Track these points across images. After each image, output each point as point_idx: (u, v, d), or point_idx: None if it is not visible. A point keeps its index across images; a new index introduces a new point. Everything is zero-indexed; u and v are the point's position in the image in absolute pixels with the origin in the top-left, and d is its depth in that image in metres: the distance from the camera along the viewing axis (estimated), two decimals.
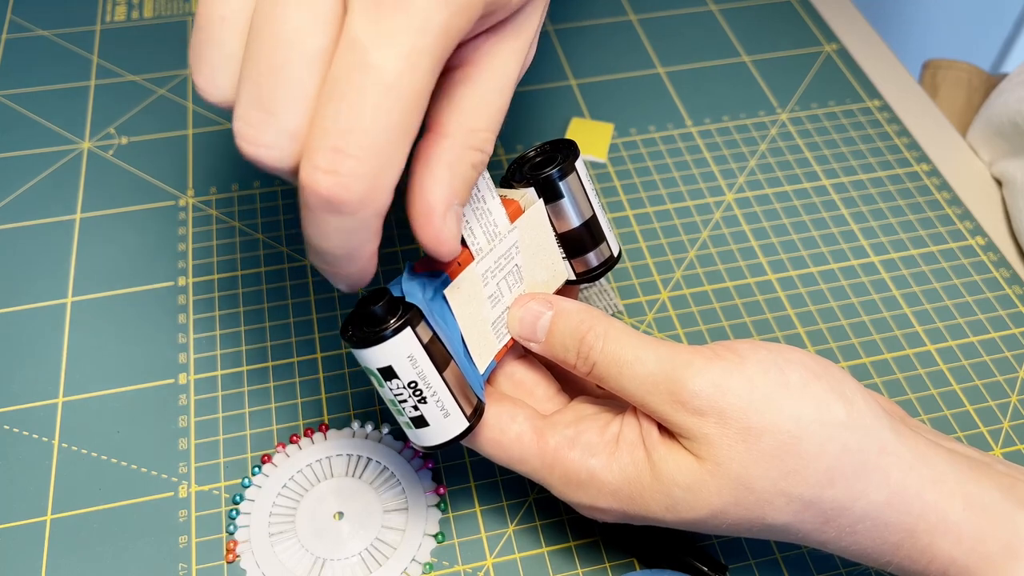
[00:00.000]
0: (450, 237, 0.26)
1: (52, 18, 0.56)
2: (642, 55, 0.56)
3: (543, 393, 0.33)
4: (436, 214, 0.25)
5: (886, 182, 0.49)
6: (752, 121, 0.52)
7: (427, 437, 0.29)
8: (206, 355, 0.40)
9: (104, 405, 0.39)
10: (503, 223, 0.30)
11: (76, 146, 0.49)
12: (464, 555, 0.35)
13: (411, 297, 0.28)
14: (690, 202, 0.48)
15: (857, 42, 0.57)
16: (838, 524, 0.28)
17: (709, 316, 0.43)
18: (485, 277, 0.30)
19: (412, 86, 0.22)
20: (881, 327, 0.43)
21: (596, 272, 0.33)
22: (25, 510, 0.36)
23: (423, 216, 0.25)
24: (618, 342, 0.29)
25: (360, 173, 0.22)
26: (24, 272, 0.43)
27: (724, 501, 0.27)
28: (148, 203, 0.47)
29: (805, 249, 0.46)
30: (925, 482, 0.28)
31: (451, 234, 0.26)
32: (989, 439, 0.39)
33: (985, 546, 0.27)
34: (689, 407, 0.27)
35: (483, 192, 0.30)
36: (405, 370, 0.27)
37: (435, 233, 0.25)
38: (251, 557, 0.34)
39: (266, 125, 0.23)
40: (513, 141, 0.50)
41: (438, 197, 0.25)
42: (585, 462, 0.29)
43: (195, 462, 0.37)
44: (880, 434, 0.28)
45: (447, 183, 0.25)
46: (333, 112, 0.22)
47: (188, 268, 0.44)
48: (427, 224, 0.25)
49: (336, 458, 0.37)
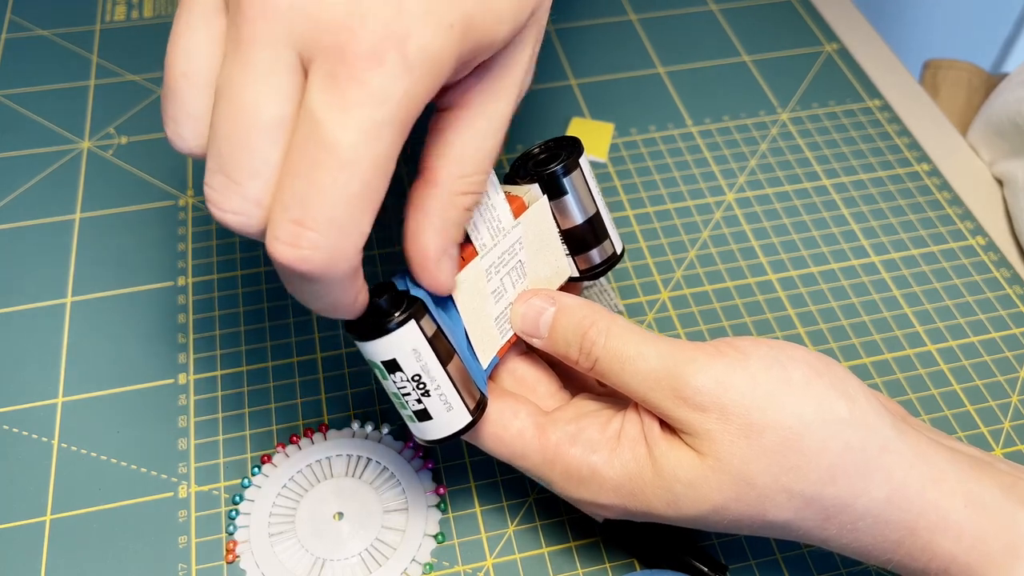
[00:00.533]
0: (447, 279, 0.27)
1: (52, 18, 0.56)
2: (642, 55, 0.56)
3: (545, 390, 0.33)
4: (431, 260, 0.26)
5: (887, 182, 0.49)
6: (752, 121, 0.52)
7: (430, 431, 0.29)
8: (206, 355, 0.40)
9: (104, 405, 0.39)
10: (507, 219, 0.31)
11: (76, 146, 0.49)
12: (464, 555, 0.35)
13: (415, 291, 0.28)
14: (690, 202, 0.48)
15: (858, 42, 0.57)
16: (839, 521, 0.28)
17: (709, 316, 0.43)
18: (489, 273, 0.30)
19: (371, 158, 0.22)
20: (882, 327, 0.42)
21: (599, 269, 0.34)
22: (25, 510, 0.36)
23: (418, 263, 0.27)
24: (620, 338, 0.29)
25: (319, 245, 0.22)
26: (24, 272, 0.43)
27: (725, 497, 0.27)
28: (148, 203, 0.46)
29: (806, 249, 0.46)
30: (926, 480, 0.28)
31: (447, 276, 0.27)
32: (990, 439, 0.39)
33: (986, 544, 0.27)
34: (691, 403, 0.27)
35: (488, 188, 0.30)
36: (409, 363, 0.27)
37: (431, 278, 0.27)
38: (251, 557, 0.34)
39: (231, 192, 0.23)
40: (513, 141, 0.50)
41: (432, 244, 0.26)
42: (587, 458, 0.29)
43: (195, 462, 0.37)
44: (882, 432, 0.28)
45: (440, 230, 0.26)
46: (291, 185, 0.22)
47: (188, 268, 0.44)
48: (423, 270, 0.27)
49: (336, 458, 0.37)
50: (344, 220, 0.22)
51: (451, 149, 0.26)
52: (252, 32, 0.22)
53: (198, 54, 0.24)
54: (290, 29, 0.22)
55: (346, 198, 0.22)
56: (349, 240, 0.23)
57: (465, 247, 0.30)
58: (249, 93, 0.22)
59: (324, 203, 0.22)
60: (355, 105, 0.21)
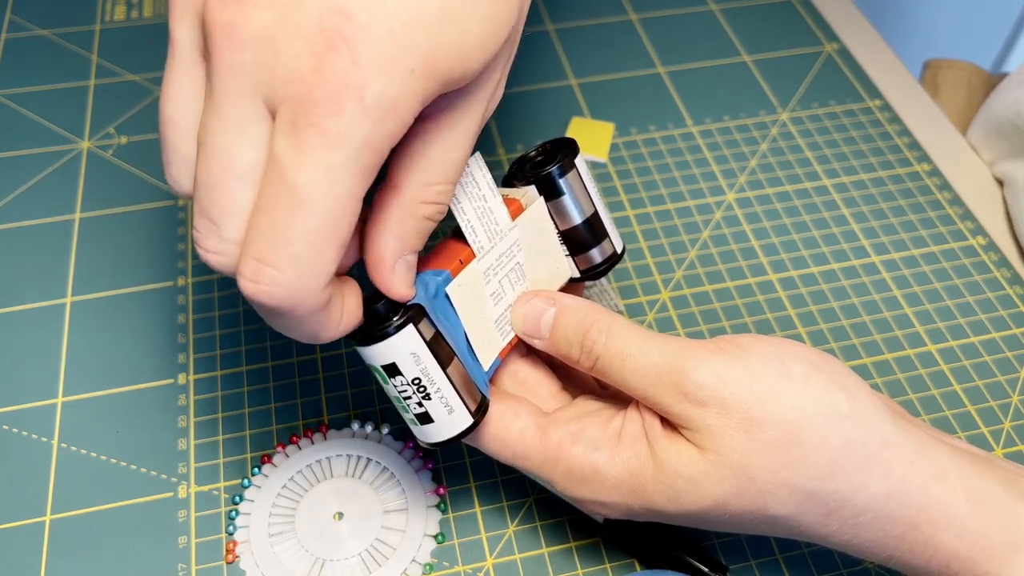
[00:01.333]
0: (399, 285, 0.27)
1: (52, 18, 0.56)
2: (642, 55, 0.56)
3: (546, 391, 0.33)
4: (385, 265, 0.27)
5: (887, 182, 0.49)
6: (753, 121, 0.52)
7: (432, 433, 0.29)
8: (206, 355, 0.40)
9: (103, 405, 0.39)
10: (504, 221, 0.31)
11: (76, 146, 0.49)
12: (464, 556, 0.35)
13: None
14: (691, 202, 0.47)
15: (858, 42, 0.57)
16: (840, 516, 0.28)
17: (710, 316, 0.43)
18: (487, 275, 0.30)
19: (329, 199, 0.23)
20: (882, 327, 0.42)
21: (599, 269, 0.34)
22: (24, 510, 0.36)
23: (373, 266, 0.27)
24: (621, 336, 0.29)
25: (280, 281, 0.23)
26: (24, 272, 0.43)
27: (726, 491, 0.27)
28: (148, 203, 0.46)
29: (806, 249, 0.46)
30: (927, 475, 0.28)
31: (400, 282, 0.27)
32: (990, 439, 0.39)
33: (988, 540, 0.27)
34: (692, 398, 0.28)
35: (484, 191, 0.30)
36: (408, 367, 0.27)
37: (384, 282, 0.27)
38: (251, 557, 0.34)
39: (211, 233, 0.24)
40: (513, 141, 0.50)
41: (387, 250, 0.26)
42: (588, 457, 0.29)
43: (194, 462, 0.37)
44: (882, 426, 0.28)
45: (397, 236, 0.26)
46: (257, 224, 0.23)
47: (188, 268, 0.44)
48: (377, 274, 0.27)
49: (336, 458, 0.37)
50: (303, 257, 0.23)
51: (416, 159, 0.26)
52: (222, 85, 0.23)
53: (183, 101, 0.25)
54: (256, 82, 0.23)
55: (304, 236, 0.23)
56: (310, 276, 0.23)
57: (463, 249, 0.30)
58: (221, 141, 0.24)
59: (282, 241, 0.23)
60: (313, 148, 0.22)
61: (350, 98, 0.22)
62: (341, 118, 0.22)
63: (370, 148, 0.23)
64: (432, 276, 0.29)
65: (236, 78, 0.23)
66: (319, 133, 0.22)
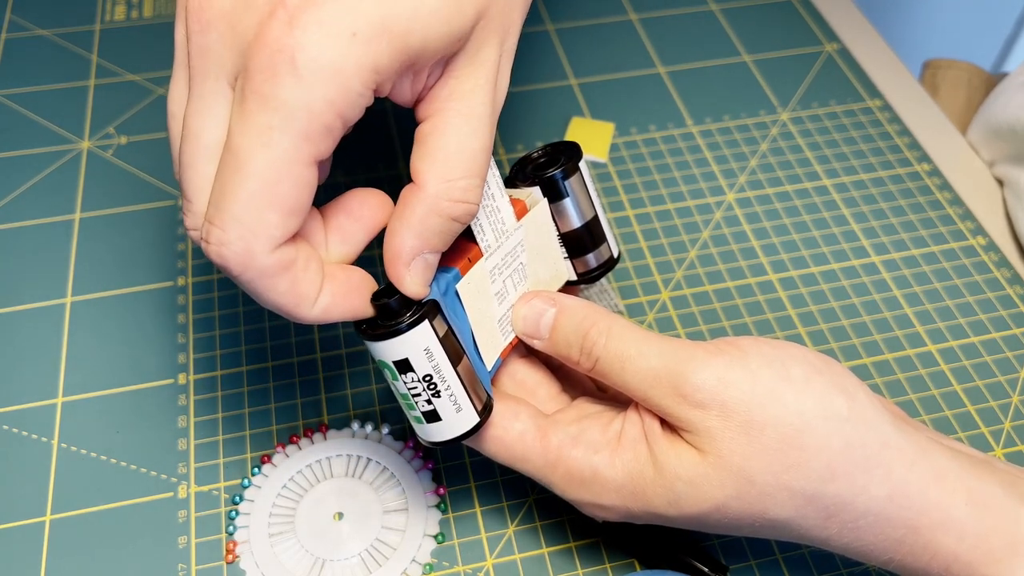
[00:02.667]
0: (411, 283, 0.27)
1: (52, 18, 0.56)
2: (642, 55, 0.56)
3: (545, 393, 0.33)
4: (400, 262, 0.27)
5: (887, 182, 0.49)
6: (753, 121, 0.52)
7: (438, 432, 0.29)
8: (205, 355, 0.40)
9: (103, 405, 0.39)
10: (510, 221, 0.31)
11: (76, 146, 0.49)
12: (464, 556, 0.35)
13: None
14: (691, 202, 0.47)
15: (858, 42, 0.57)
16: (840, 519, 0.28)
17: (710, 316, 0.43)
18: (493, 274, 0.30)
19: (263, 163, 0.23)
20: (882, 327, 0.42)
21: (595, 273, 0.34)
22: (24, 510, 0.36)
23: (389, 261, 0.27)
24: (621, 338, 0.29)
25: (224, 241, 0.24)
26: (24, 272, 0.43)
27: (726, 494, 0.27)
28: (148, 203, 0.46)
29: (806, 249, 0.46)
30: (927, 478, 0.28)
31: (413, 280, 0.27)
32: (990, 439, 0.39)
33: (988, 542, 0.27)
34: (692, 400, 0.28)
35: (493, 189, 0.30)
36: (421, 363, 0.27)
37: (398, 277, 0.27)
38: (251, 558, 0.34)
39: (188, 211, 0.26)
40: (513, 141, 0.50)
41: (405, 246, 0.27)
42: (588, 459, 0.29)
43: (194, 462, 0.37)
44: (882, 429, 0.28)
45: (418, 234, 0.26)
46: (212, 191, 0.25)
47: (188, 268, 0.44)
48: (391, 269, 0.27)
49: (336, 458, 0.37)
50: (243, 218, 0.24)
51: (435, 153, 0.26)
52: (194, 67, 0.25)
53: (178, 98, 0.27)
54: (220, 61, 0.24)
55: (243, 198, 0.24)
56: (251, 238, 0.24)
57: (471, 248, 0.30)
58: (193, 122, 0.25)
59: (224, 203, 0.24)
60: (250, 113, 0.23)
61: (282, 61, 0.23)
62: (275, 81, 0.23)
63: (308, 112, 0.23)
64: (442, 273, 0.29)
65: (203, 59, 0.25)
66: (257, 98, 0.23)
